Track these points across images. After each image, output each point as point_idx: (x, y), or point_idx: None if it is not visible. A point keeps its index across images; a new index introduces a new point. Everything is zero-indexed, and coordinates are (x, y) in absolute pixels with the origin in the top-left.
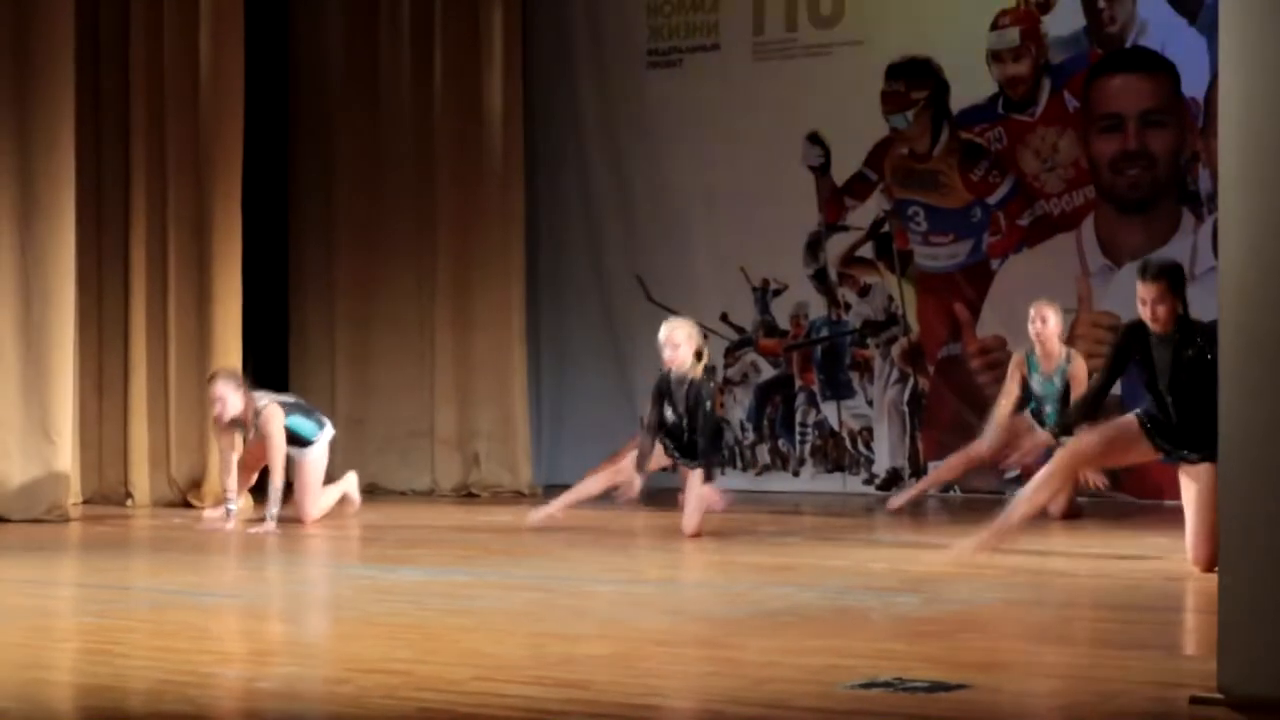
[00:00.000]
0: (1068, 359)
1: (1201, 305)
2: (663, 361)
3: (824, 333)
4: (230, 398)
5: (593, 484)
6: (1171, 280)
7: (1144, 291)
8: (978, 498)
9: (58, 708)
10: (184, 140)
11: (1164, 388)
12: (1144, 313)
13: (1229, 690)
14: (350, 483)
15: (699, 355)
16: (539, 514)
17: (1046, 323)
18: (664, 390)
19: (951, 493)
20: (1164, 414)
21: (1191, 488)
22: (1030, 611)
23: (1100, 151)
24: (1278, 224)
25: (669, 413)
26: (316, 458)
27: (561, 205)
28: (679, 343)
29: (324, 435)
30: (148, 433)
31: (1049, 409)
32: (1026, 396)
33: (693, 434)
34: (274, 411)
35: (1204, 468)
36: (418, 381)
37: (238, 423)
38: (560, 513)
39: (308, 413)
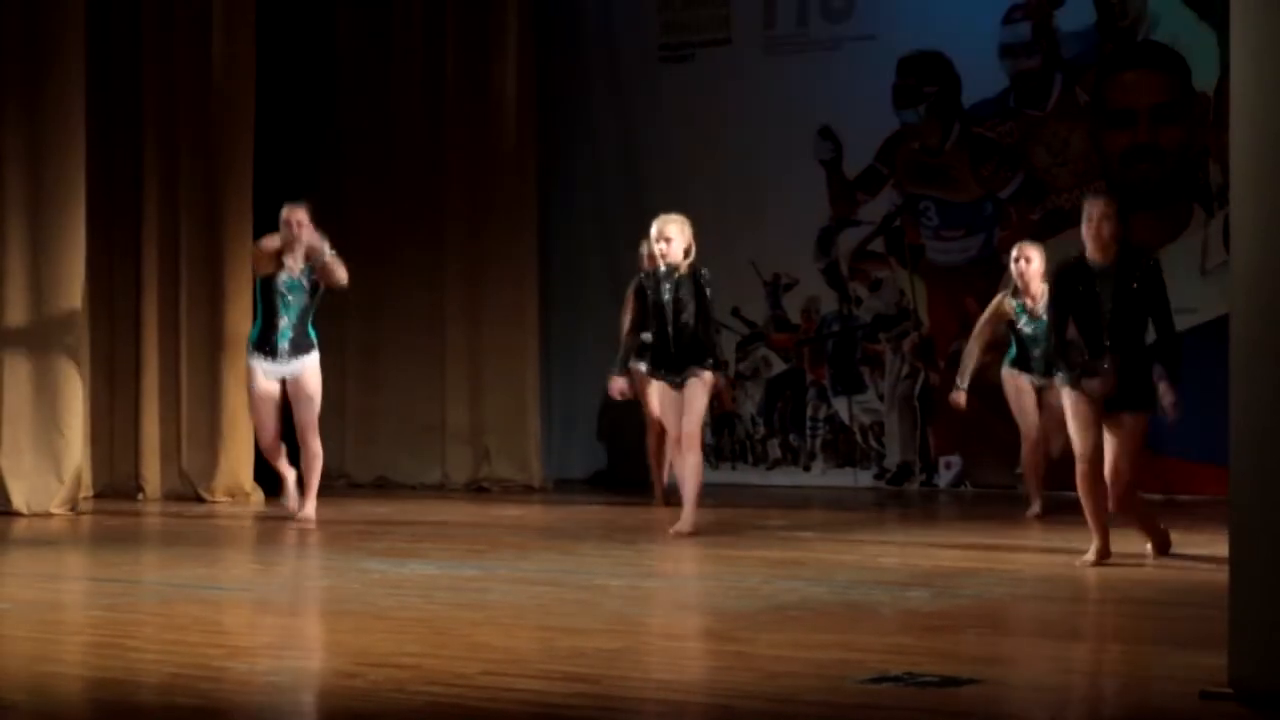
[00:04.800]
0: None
1: (1214, 300)
2: (646, 261)
3: (835, 327)
4: (307, 224)
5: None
6: (1119, 203)
7: (1091, 208)
8: (989, 492)
9: (69, 701)
10: (195, 134)
11: (1104, 329)
12: (1088, 231)
13: (1239, 685)
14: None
15: (688, 253)
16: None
17: (1031, 262)
18: (646, 287)
19: (963, 487)
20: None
21: (1116, 435)
22: (1040, 607)
23: (1111, 146)
24: None
25: (654, 319)
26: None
27: (574, 199)
28: (671, 237)
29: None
30: (159, 426)
31: (1037, 353)
32: (1008, 342)
33: (680, 330)
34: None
35: (1135, 418)
36: (429, 375)
37: (290, 252)
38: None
39: None
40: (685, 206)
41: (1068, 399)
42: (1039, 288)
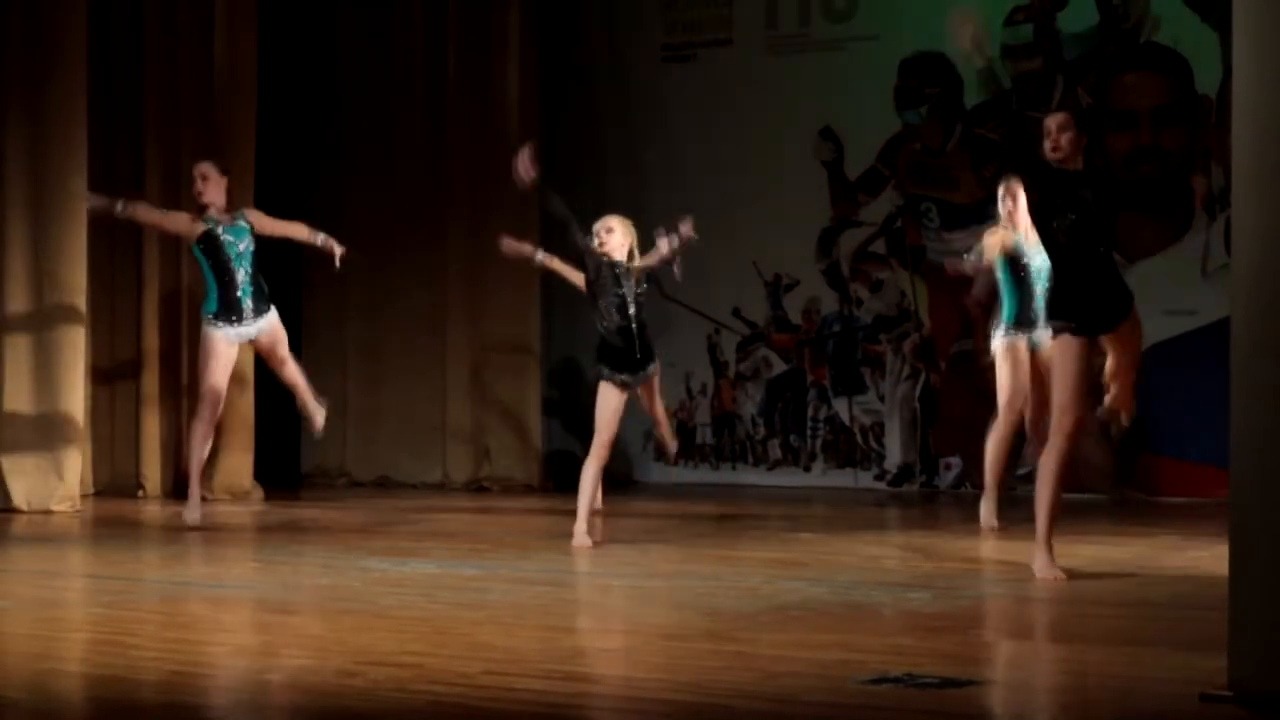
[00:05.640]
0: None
1: (1215, 302)
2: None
3: (836, 328)
4: (214, 178)
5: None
6: (1078, 116)
7: (1050, 121)
8: None
9: (69, 699)
10: (197, 134)
11: (1066, 240)
12: (1048, 145)
13: (1239, 687)
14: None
15: (630, 254)
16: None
17: (1019, 199)
18: (606, 274)
19: (964, 488)
20: (1075, 286)
21: (1115, 350)
22: (1040, 608)
23: (1113, 148)
24: None
25: (615, 313)
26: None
27: (575, 199)
28: (613, 227)
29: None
30: (159, 424)
31: (1039, 290)
32: (996, 299)
33: (641, 328)
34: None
35: (1122, 328)
36: (430, 375)
37: (202, 211)
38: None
39: None
40: (687, 206)
41: (1067, 347)
42: (1027, 224)
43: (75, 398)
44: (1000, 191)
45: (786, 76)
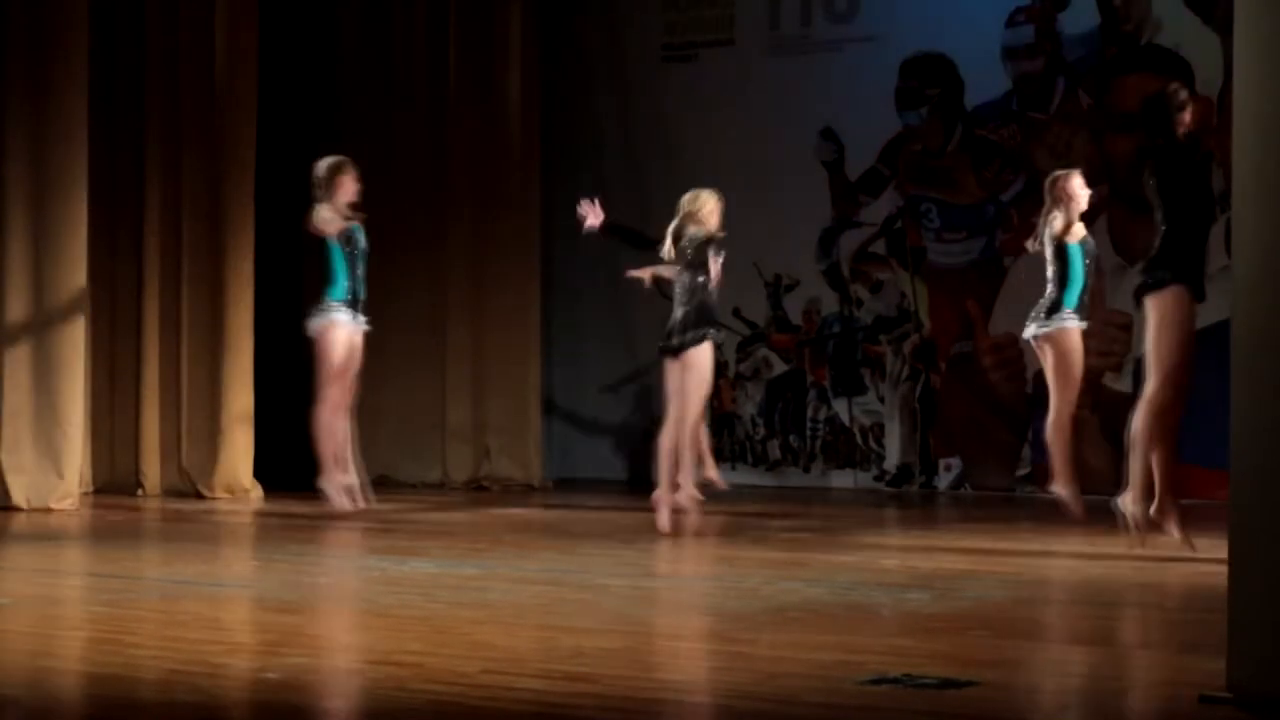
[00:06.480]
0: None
1: (1214, 304)
2: (704, 230)
3: (836, 329)
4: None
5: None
6: None
7: (1185, 93)
8: (989, 495)
9: (68, 697)
10: (198, 132)
11: (1200, 207)
12: (1187, 116)
13: (1238, 689)
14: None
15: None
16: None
17: (1075, 199)
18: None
19: (963, 489)
20: (1196, 250)
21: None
22: (1040, 609)
23: (1114, 149)
24: None
25: (695, 275)
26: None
27: (576, 199)
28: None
29: None
30: (159, 423)
31: (1080, 282)
32: (1064, 284)
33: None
34: None
35: None
36: (430, 375)
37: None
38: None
39: None
40: None
41: (1186, 305)
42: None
43: (75, 396)
44: (1079, 182)
45: (787, 76)
